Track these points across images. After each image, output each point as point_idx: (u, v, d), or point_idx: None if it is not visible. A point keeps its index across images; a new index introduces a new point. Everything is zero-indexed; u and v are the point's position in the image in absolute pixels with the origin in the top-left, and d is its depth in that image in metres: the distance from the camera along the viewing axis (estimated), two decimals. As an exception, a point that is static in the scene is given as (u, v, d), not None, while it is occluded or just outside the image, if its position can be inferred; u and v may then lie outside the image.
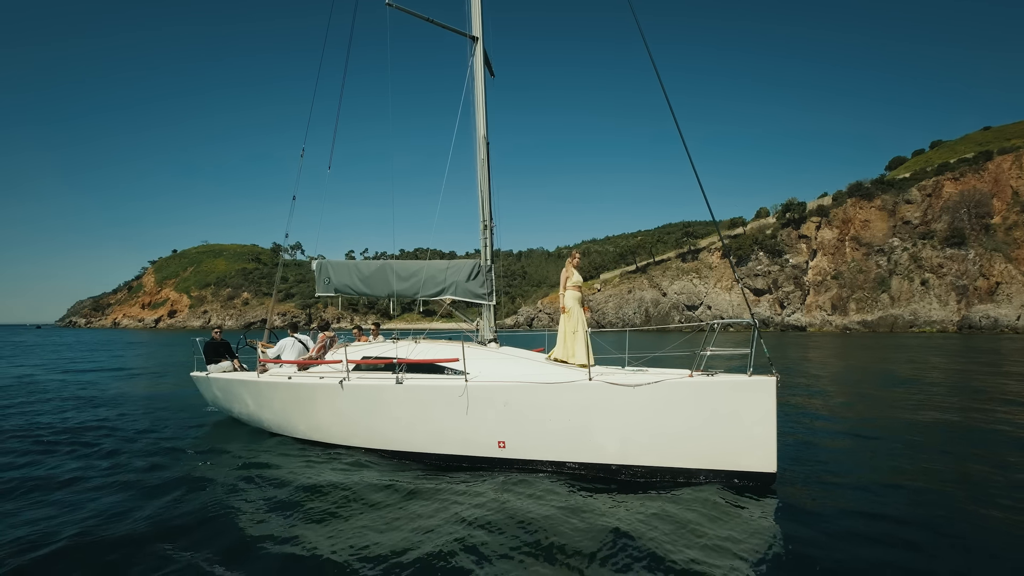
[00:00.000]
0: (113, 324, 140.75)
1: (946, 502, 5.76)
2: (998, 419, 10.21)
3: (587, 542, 4.74)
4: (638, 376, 6.54)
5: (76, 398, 13.97)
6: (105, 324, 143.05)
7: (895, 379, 17.59)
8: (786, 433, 8.63)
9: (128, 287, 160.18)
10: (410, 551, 4.61)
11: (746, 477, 6.09)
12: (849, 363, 24.43)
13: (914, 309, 70.96)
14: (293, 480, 6.63)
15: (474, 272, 9.05)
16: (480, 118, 9.45)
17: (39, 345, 46.48)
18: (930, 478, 6.62)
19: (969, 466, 7.21)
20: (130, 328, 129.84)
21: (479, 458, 7.07)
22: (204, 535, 5.04)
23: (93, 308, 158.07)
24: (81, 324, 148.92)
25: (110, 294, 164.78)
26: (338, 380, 7.81)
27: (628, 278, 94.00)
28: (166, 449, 8.30)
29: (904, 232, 76.92)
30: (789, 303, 79.32)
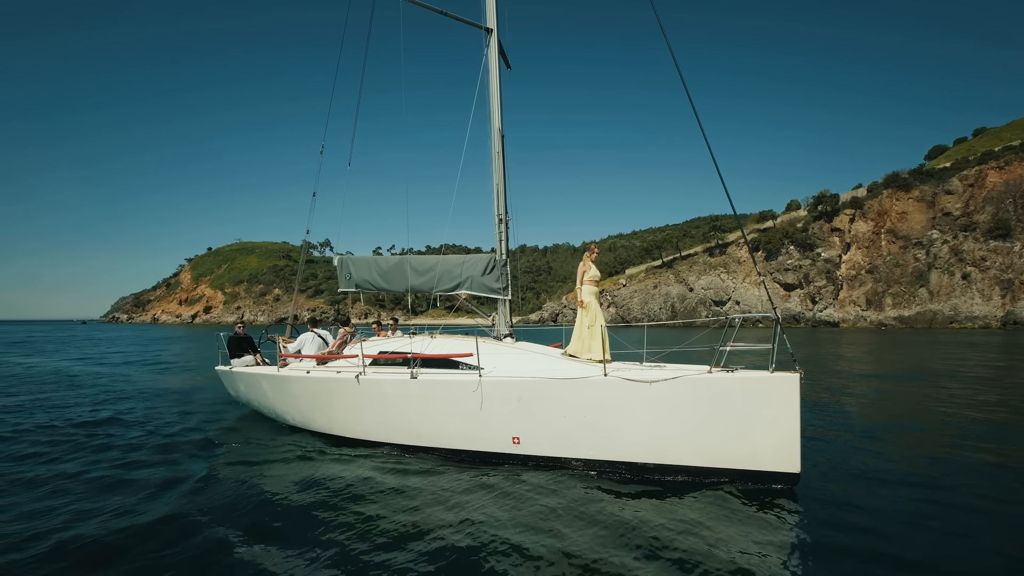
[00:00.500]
0: (152, 320, 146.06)
1: (979, 505, 5.51)
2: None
3: (599, 542, 4.65)
4: (655, 372, 6.40)
5: (105, 390, 14.45)
6: (145, 320, 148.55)
7: (930, 375, 16.88)
8: (812, 432, 8.42)
9: (166, 284, 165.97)
10: (417, 547, 4.58)
11: (768, 478, 5.86)
12: (883, 359, 23.68)
13: (954, 304, 68.21)
14: (306, 474, 6.70)
15: (489, 266, 9.03)
16: (495, 111, 9.40)
17: (82, 339, 48.68)
18: (963, 480, 6.32)
19: (1006, 465, 6.92)
20: (168, 323, 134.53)
21: (493, 454, 7.01)
22: (212, 530, 5.07)
23: (134, 304, 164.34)
24: (123, 320, 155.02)
25: (150, 291, 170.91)
26: (354, 375, 7.86)
27: (653, 273, 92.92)
28: (186, 442, 8.48)
29: (944, 224, 73.91)
30: (821, 298, 77.17)
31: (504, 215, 9.28)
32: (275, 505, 5.68)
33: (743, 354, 6.24)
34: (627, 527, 4.90)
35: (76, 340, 47.16)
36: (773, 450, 5.79)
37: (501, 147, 9.37)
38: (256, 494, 6.01)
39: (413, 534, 4.85)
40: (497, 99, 9.38)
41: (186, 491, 6.12)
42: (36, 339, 48.71)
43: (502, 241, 9.26)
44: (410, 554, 4.46)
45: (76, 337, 53.51)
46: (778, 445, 5.75)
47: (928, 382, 15.09)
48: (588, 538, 4.71)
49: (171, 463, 7.35)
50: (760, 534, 4.75)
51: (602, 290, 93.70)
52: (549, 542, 4.66)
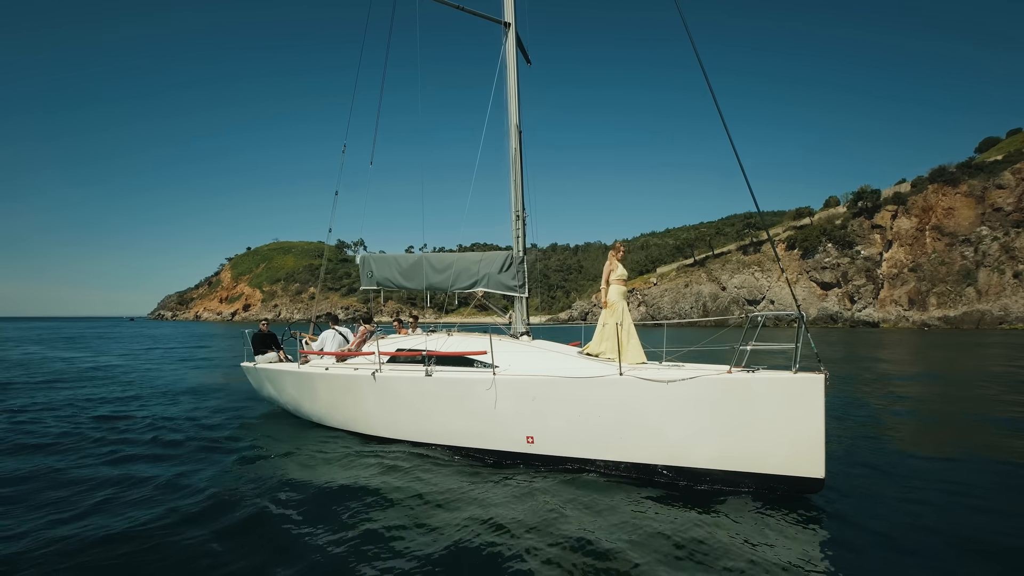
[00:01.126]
0: (195, 317, 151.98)
1: (1012, 511, 5.28)
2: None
3: (609, 546, 4.50)
4: (672, 372, 6.18)
5: (136, 385, 14.97)
6: (188, 317, 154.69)
7: (975, 378, 16.11)
8: (839, 436, 8.24)
9: (208, 282, 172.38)
10: (427, 547, 4.55)
11: (790, 483, 5.62)
12: (921, 361, 22.88)
13: (1004, 304, 64.97)
14: (321, 472, 6.76)
15: (506, 264, 8.95)
16: (512, 106, 9.33)
17: (127, 336, 51.35)
18: (996, 487, 6.04)
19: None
20: (209, 320, 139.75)
21: (507, 453, 6.92)
22: (225, 521, 5.14)
23: (178, 302, 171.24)
24: (168, 317, 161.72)
25: (192, 289, 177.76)
26: (371, 372, 7.91)
27: (685, 271, 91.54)
28: (207, 437, 8.65)
29: (994, 220, 70.42)
30: (860, 297, 74.62)
31: (521, 211, 9.21)
32: (281, 502, 5.65)
33: (769, 354, 5.98)
34: (639, 532, 4.78)
35: (122, 337, 49.60)
36: (796, 454, 5.54)
37: (519, 143, 9.31)
38: (265, 491, 6.01)
39: (418, 534, 4.82)
40: (515, 94, 9.31)
41: (194, 489, 6.14)
42: (87, 336, 51.37)
43: (519, 238, 9.19)
44: (412, 555, 4.43)
45: (122, 335, 56.08)
46: (801, 449, 5.49)
47: (966, 383, 14.52)
48: (598, 542, 4.60)
49: (185, 459, 7.43)
50: (779, 542, 4.58)
51: (632, 289, 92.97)
52: (557, 546, 4.55)
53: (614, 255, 7.78)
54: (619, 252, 7.81)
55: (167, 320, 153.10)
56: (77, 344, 35.99)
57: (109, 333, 57.71)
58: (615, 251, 7.82)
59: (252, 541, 4.77)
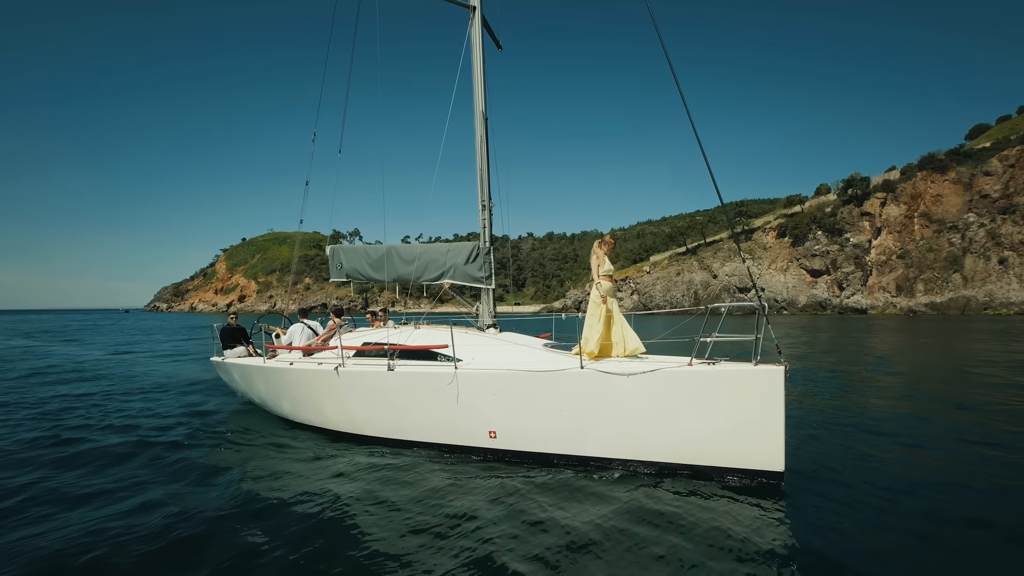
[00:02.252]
0: (190, 308, 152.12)
1: (975, 500, 5.24)
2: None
3: (565, 542, 4.47)
4: (634, 364, 6.13)
5: (110, 378, 14.81)
6: (183, 308, 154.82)
7: (955, 364, 16.33)
8: (803, 426, 8.19)
9: (203, 274, 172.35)
10: (373, 548, 4.48)
11: (751, 475, 5.60)
12: (900, 347, 23.27)
13: (989, 290, 65.87)
14: (279, 469, 6.65)
15: (472, 255, 8.80)
16: (478, 93, 9.09)
17: (117, 328, 51.45)
18: (956, 474, 5.99)
19: (1005, 459, 6.57)
20: (204, 312, 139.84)
21: (470, 448, 6.89)
22: (178, 528, 4.97)
23: (173, 294, 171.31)
24: (163, 309, 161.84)
25: (188, 280, 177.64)
26: (334, 367, 7.77)
27: (677, 260, 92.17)
28: (169, 436, 8.38)
29: (982, 207, 71.11)
30: (849, 284, 75.43)
31: (488, 201, 9.03)
32: (234, 505, 5.50)
33: (731, 345, 5.91)
34: (595, 527, 4.72)
35: (110, 329, 49.90)
36: (756, 446, 5.51)
37: (484, 131, 9.11)
38: (217, 490, 5.90)
39: (367, 535, 4.73)
40: (481, 81, 9.08)
41: (145, 494, 5.92)
42: (74, 327, 51.67)
43: (485, 228, 9.00)
44: (360, 556, 4.37)
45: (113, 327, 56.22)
46: (761, 441, 5.47)
47: (952, 374, 14.51)
48: (555, 538, 4.56)
49: (139, 461, 7.11)
50: (737, 536, 4.51)
51: (625, 277, 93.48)
52: (512, 541, 4.49)
53: (600, 248, 7.13)
54: (606, 245, 7.16)
55: (162, 312, 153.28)
56: (61, 337, 36.00)
57: (100, 325, 57.79)
58: (601, 243, 7.17)
59: (206, 545, 4.62)
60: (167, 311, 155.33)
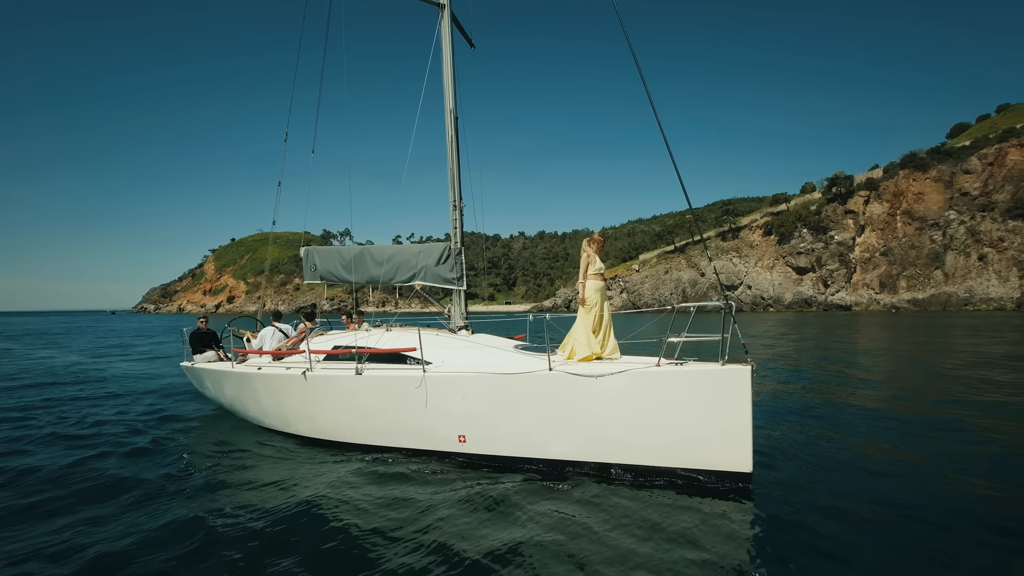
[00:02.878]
0: (178, 310, 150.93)
1: (944, 505, 5.16)
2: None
3: (531, 546, 4.41)
4: (603, 366, 6.08)
5: (82, 382, 14.47)
6: (171, 310, 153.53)
7: (929, 360, 16.46)
8: (774, 427, 8.12)
9: (192, 275, 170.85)
10: (336, 555, 4.44)
11: (719, 477, 5.52)
12: (886, 344, 23.46)
13: (970, 286, 67.22)
14: (251, 477, 6.51)
15: (444, 256, 8.66)
16: (448, 91, 8.98)
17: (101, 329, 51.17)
18: (925, 476, 5.93)
19: (976, 458, 6.53)
20: (193, 313, 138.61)
21: (440, 452, 6.76)
22: (138, 534, 4.87)
23: (161, 295, 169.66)
24: (150, 310, 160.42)
25: (176, 281, 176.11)
26: (301, 371, 7.62)
27: (665, 258, 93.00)
28: (137, 441, 8.15)
29: (962, 204, 72.52)
30: (833, 281, 76.60)
31: (459, 201, 8.93)
32: (196, 513, 5.34)
33: (699, 345, 5.83)
34: (562, 531, 4.68)
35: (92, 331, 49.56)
36: (724, 448, 5.45)
37: (455, 130, 9.01)
38: (177, 502, 5.72)
39: (328, 539, 4.71)
40: (450, 79, 9.01)
41: (117, 494, 5.86)
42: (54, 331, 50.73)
43: (456, 229, 8.88)
44: (323, 562, 4.35)
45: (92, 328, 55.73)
46: (729, 442, 5.41)
47: (909, 367, 14.86)
48: (521, 542, 4.47)
49: (102, 466, 6.92)
50: (705, 538, 4.47)
51: (615, 276, 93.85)
52: (476, 547, 4.44)
53: (589, 246, 6.90)
54: (597, 243, 6.93)
55: (150, 313, 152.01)
56: (41, 340, 35.63)
57: (84, 327, 57.17)
58: (590, 242, 6.93)
59: (169, 552, 4.56)
60: (155, 312, 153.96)
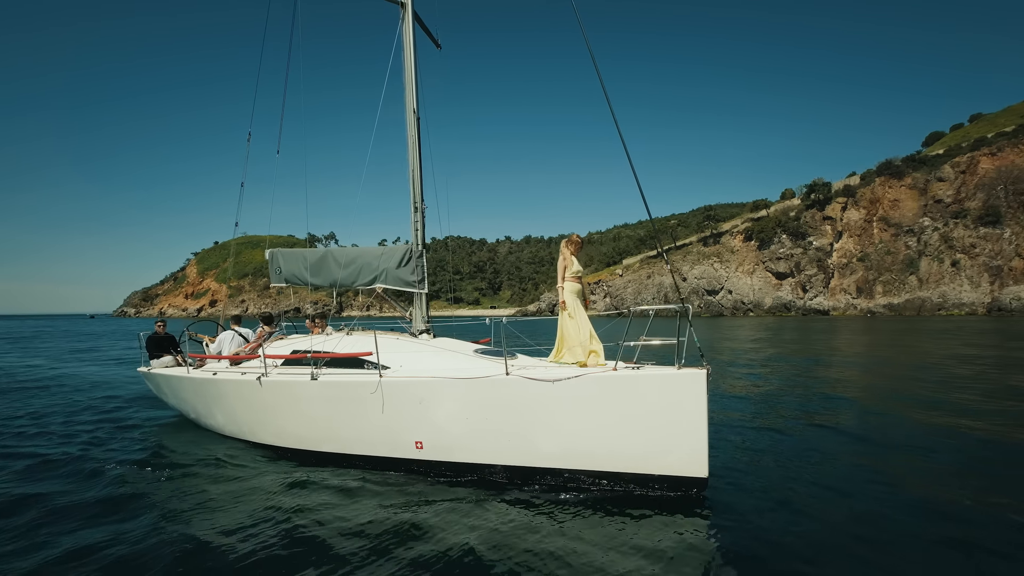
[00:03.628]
0: (159, 313, 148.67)
1: (899, 510, 5.13)
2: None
3: (482, 554, 4.34)
4: (560, 370, 5.97)
5: (40, 389, 14.27)
6: (152, 314, 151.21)
7: (893, 365, 16.86)
8: (731, 432, 8.10)
9: (174, 278, 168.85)
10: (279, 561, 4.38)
11: (674, 482, 5.47)
12: (854, 348, 23.87)
13: (943, 291, 68.58)
14: (198, 487, 6.33)
15: (405, 259, 8.54)
16: (409, 92, 8.86)
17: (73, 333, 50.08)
18: (884, 475, 5.98)
19: (927, 464, 6.58)
20: (175, 317, 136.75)
21: (397, 459, 6.62)
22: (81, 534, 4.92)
23: (143, 298, 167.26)
24: (131, 314, 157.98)
25: (158, 285, 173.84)
26: (256, 376, 7.46)
27: (648, 263, 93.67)
28: (85, 450, 8.02)
29: (936, 211, 74.04)
30: (811, 286, 77.69)
31: (420, 203, 8.80)
32: (133, 528, 5.16)
33: (657, 349, 5.65)
34: (516, 539, 4.62)
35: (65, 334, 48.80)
36: (679, 452, 5.38)
37: (417, 130, 8.90)
38: (119, 516, 5.51)
39: (270, 550, 4.60)
40: (412, 80, 8.91)
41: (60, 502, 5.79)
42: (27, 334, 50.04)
43: (418, 231, 8.78)
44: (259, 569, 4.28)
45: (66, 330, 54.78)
46: (684, 447, 5.34)
47: (893, 375, 14.94)
48: (472, 551, 4.42)
49: (45, 477, 6.79)
50: (658, 546, 4.42)
51: (598, 280, 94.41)
52: (428, 556, 4.36)
53: (567, 247, 6.75)
54: (575, 244, 6.77)
55: (129, 317, 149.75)
56: (7, 342, 35.24)
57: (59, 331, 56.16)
58: (568, 243, 6.78)
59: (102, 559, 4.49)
60: (135, 316, 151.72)
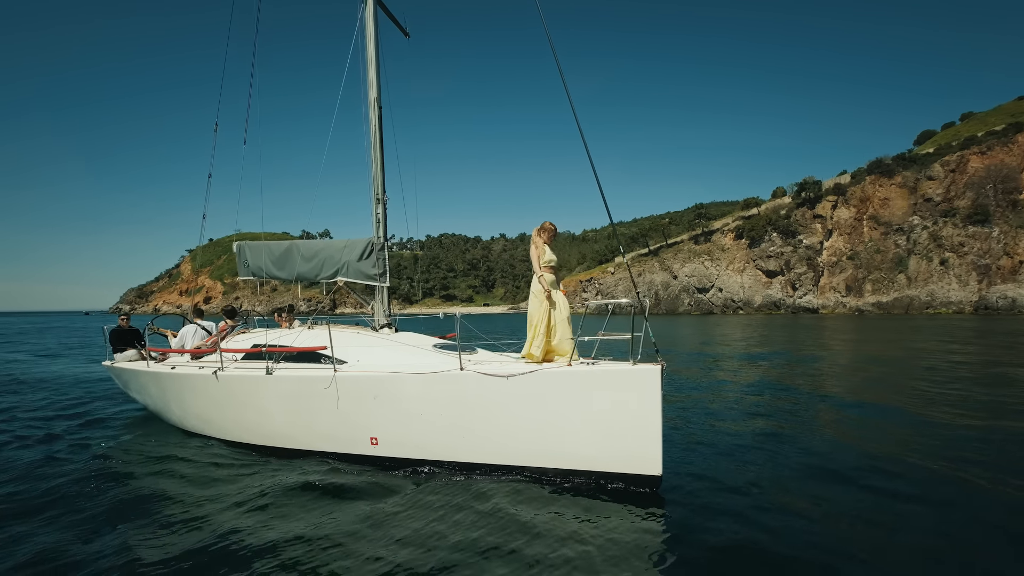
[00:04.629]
0: (154, 310, 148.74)
1: (859, 501, 5.06)
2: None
3: (424, 554, 4.23)
4: (515, 365, 5.88)
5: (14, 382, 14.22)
6: (147, 310, 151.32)
7: (863, 361, 16.90)
8: (689, 430, 7.92)
9: (168, 275, 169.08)
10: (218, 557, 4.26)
11: (628, 480, 5.38)
12: (830, 347, 24.03)
13: (931, 290, 68.67)
14: (151, 484, 6.18)
15: (367, 251, 8.42)
16: (372, 80, 8.71)
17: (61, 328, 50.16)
18: (840, 474, 5.81)
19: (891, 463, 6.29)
20: (168, 314, 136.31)
21: (352, 455, 6.55)
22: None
23: (137, 295, 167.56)
24: (126, 310, 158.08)
25: (153, 282, 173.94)
26: (213, 371, 7.44)
27: (639, 260, 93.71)
28: (41, 449, 7.76)
29: (925, 210, 74.06)
30: (801, 284, 77.75)
31: (382, 194, 8.66)
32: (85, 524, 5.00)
33: (616, 344, 5.60)
34: (461, 538, 4.49)
35: (60, 329, 48.91)
36: (633, 450, 5.29)
37: (378, 118, 8.75)
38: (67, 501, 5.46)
39: (205, 551, 4.42)
40: (374, 66, 8.75)
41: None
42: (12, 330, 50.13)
43: (380, 224, 8.66)
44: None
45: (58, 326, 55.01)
46: (638, 444, 5.25)
47: (841, 370, 15.06)
48: (417, 549, 4.32)
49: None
50: (607, 547, 4.28)
51: (590, 278, 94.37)
52: (371, 554, 4.24)
53: (539, 235, 6.34)
54: (548, 232, 6.38)
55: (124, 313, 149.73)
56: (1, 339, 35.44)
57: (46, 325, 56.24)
58: (541, 231, 6.38)
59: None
60: (130, 312, 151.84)
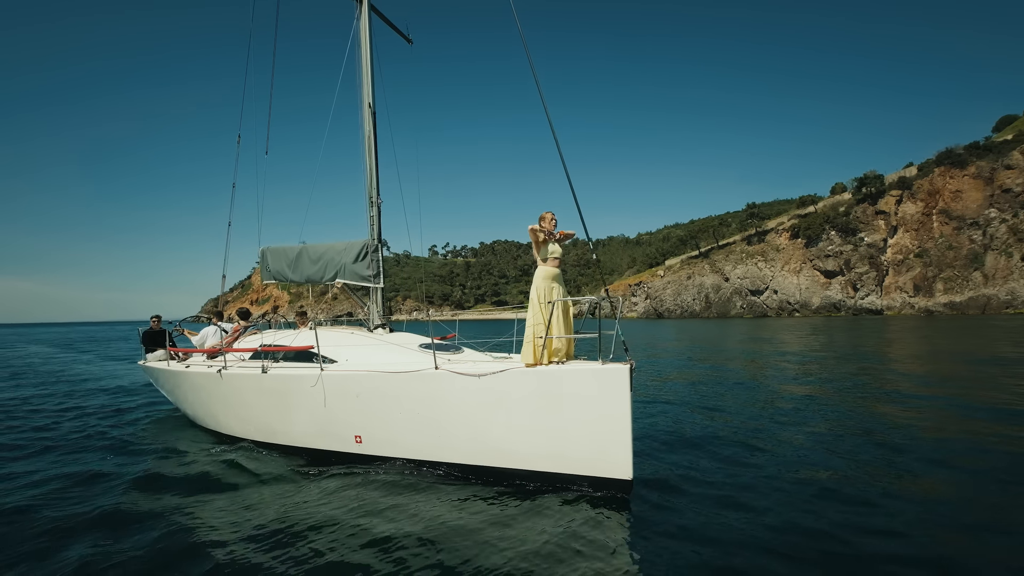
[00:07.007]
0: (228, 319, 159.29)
1: (842, 509, 4.89)
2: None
3: (387, 556, 4.20)
4: (488, 364, 5.92)
5: (53, 383, 15.41)
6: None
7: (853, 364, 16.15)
8: (669, 432, 7.85)
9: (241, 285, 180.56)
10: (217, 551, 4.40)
11: (598, 484, 5.25)
12: (840, 345, 22.93)
13: (1012, 288, 63.13)
14: (153, 470, 6.75)
15: (362, 253, 8.66)
16: (366, 87, 8.88)
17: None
18: (821, 483, 5.59)
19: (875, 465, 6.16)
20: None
21: (338, 453, 6.77)
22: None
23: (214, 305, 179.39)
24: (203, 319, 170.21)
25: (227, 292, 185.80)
26: (218, 369, 7.84)
27: (689, 263, 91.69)
28: (91, 438, 8.72)
29: (1003, 202, 68.23)
30: (863, 285, 73.50)
31: (376, 197, 8.87)
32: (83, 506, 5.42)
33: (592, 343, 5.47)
34: (423, 541, 4.43)
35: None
36: (602, 452, 5.15)
37: (372, 125, 8.98)
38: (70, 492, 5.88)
39: (218, 539, 4.63)
40: (369, 74, 8.93)
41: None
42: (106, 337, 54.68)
43: (374, 226, 8.92)
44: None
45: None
46: (607, 447, 5.11)
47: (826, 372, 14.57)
48: (386, 550, 4.31)
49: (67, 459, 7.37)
50: (575, 553, 4.14)
51: (639, 282, 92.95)
52: (344, 551, 4.31)
53: (540, 227, 5.85)
54: (546, 221, 5.84)
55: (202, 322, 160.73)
56: (69, 348, 38.14)
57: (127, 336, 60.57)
58: (542, 221, 5.87)
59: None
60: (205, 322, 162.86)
